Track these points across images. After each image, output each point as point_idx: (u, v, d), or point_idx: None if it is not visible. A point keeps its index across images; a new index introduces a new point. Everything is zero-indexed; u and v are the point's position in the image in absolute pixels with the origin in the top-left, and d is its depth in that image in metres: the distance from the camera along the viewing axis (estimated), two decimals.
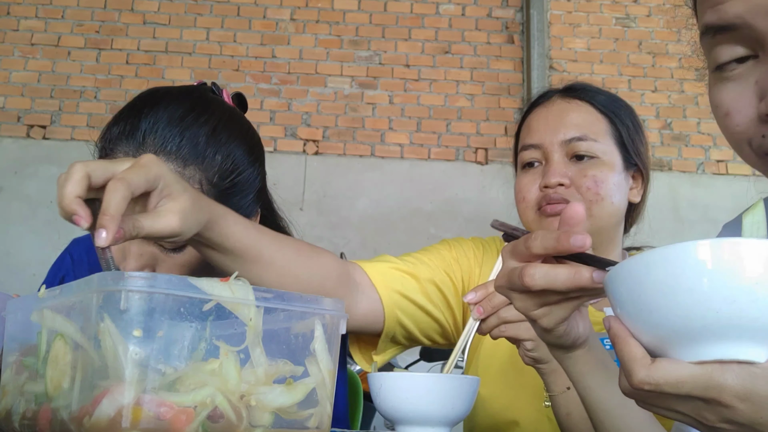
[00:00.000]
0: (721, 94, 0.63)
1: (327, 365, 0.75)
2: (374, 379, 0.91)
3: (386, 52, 4.11)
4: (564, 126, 1.15)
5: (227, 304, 0.67)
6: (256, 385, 0.68)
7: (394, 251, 4.35)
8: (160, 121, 0.96)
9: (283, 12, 4.12)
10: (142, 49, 4.02)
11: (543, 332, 0.72)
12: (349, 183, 3.92)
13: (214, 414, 0.64)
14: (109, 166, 0.74)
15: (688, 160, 4.02)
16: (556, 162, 1.14)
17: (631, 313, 0.54)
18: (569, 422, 0.98)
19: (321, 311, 0.75)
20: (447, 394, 0.86)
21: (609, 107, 1.19)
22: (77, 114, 3.92)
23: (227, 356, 0.66)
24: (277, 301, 0.72)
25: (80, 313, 0.66)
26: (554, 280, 0.64)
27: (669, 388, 0.51)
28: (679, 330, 0.51)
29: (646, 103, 4.07)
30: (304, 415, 0.72)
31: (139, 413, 0.60)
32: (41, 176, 3.82)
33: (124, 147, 0.95)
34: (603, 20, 4.17)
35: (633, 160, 1.18)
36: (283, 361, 0.71)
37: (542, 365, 0.96)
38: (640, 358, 0.53)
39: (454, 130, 4.00)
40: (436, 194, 3.89)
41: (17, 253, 3.72)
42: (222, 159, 0.99)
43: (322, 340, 0.74)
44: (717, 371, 0.50)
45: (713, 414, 0.51)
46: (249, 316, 0.68)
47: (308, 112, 4.00)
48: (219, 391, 0.65)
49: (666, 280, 0.50)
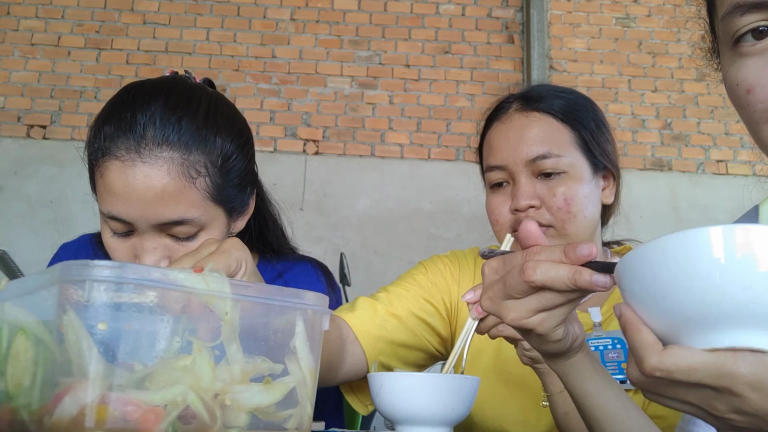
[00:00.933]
0: (743, 71, 0.62)
1: (308, 363, 0.71)
2: (374, 379, 0.91)
3: (386, 52, 4.10)
4: (526, 144, 1.11)
5: (201, 296, 0.63)
6: (231, 384, 0.64)
7: (394, 251, 4.35)
8: (156, 112, 0.96)
9: (283, 12, 4.12)
10: (142, 49, 4.02)
11: (541, 342, 0.71)
12: (349, 183, 3.92)
13: (185, 414, 0.60)
14: (196, 254, 0.78)
15: (688, 160, 4.02)
16: (523, 184, 1.11)
17: (643, 299, 0.53)
18: (567, 421, 0.98)
19: (303, 306, 0.71)
20: (447, 394, 0.86)
21: (569, 113, 1.15)
22: (77, 114, 3.92)
23: (201, 352, 0.62)
24: (256, 295, 0.67)
25: (42, 305, 0.62)
26: (555, 278, 0.63)
27: (680, 376, 0.50)
28: (692, 316, 0.50)
29: (646, 103, 4.07)
30: (283, 416, 0.68)
31: (104, 412, 0.56)
32: (41, 176, 3.82)
33: (124, 143, 0.95)
34: (603, 20, 4.17)
35: (601, 164, 1.16)
36: (261, 358, 0.67)
37: (540, 365, 0.96)
38: (652, 344, 0.52)
39: (454, 130, 4.00)
40: (436, 194, 3.89)
41: (17, 253, 3.71)
42: (221, 141, 1.01)
43: (303, 336, 0.71)
44: (730, 359, 0.49)
45: (723, 404, 0.50)
46: (225, 310, 0.64)
47: (308, 112, 4.00)
48: (191, 389, 0.61)
49: (681, 266, 0.50)
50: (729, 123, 4.05)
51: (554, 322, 0.67)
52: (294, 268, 1.26)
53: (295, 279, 1.24)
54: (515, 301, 0.66)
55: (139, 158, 0.94)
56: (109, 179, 0.95)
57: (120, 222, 0.96)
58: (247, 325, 0.66)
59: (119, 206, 0.94)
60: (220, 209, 1.01)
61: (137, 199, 0.93)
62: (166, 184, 0.94)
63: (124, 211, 0.94)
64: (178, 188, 0.94)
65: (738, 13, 0.61)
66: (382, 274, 3.73)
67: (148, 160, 0.94)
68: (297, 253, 1.31)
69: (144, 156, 0.94)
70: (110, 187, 0.95)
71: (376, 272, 3.73)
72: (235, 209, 1.05)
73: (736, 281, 0.48)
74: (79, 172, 1.06)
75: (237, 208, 1.06)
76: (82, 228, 1.28)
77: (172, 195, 0.94)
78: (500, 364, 1.23)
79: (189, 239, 0.98)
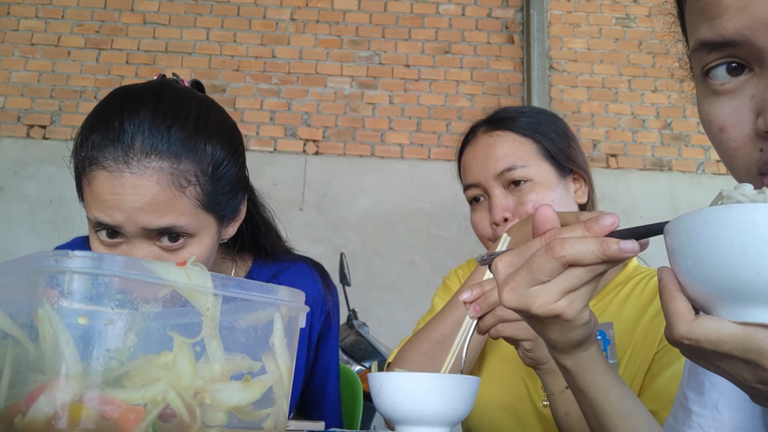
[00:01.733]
0: (715, 109, 0.62)
1: (285, 361, 0.69)
2: (374, 379, 0.91)
3: (386, 52, 4.10)
4: (492, 161, 1.22)
5: (183, 291, 0.61)
6: (211, 382, 0.62)
7: (394, 251, 4.35)
8: (144, 120, 0.94)
9: (283, 12, 4.12)
10: (142, 49, 4.02)
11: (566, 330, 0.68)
12: (349, 183, 3.92)
13: (165, 412, 0.58)
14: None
15: (688, 160, 4.02)
16: (496, 197, 1.20)
17: (683, 266, 0.54)
18: (568, 421, 0.98)
19: (280, 302, 0.69)
20: (447, 394, 0.86)
21: (530, 128, 1.24)
22: (77, 114, 3.92)
23: (182, 349, 0.60)
24: (237, 290, 0.66)
25: (14, 297, 0.59)
26: (584, 251, 0.61)
27: (708, 345, 0.51)
28: (726, 289, 0.50)
29: (646, 103, 4.06)
30: (260, 414, 0.67)
31: (82, 412, 0.53)
32: (41, 176, 3.82)
33: (112, 153, 0.93)
34: (603, 20, 4.17)
35: (567, 168, 1.24)
36: (240, 355, 0.65)
37: (542, 365, 0.96)
38: (683, 313, 0.53)
39: (454, 130, 4.00)
40: (436, 194, 3.89)
41: (17, 253, 3.72)
42: (211, 148, 0.99)
43: (281, 334, 0.69)
44: (759, 333, 0.49)
45: (751, 374, 0.51)
46: (206, 305, 0.62)
47: (308, 112, 4.00)
48: (171, 387, 0.59)
49: (719, 239, 0.50)
50: None
51: (581, 303, 0.65)
52: (289, 269, 1.26)
53: (291, 279, 1.24)
54: (541, 286, 0.64)
55: (128, 169, 0.92)
56: (97, 188, 0.93)
57: (108, 229, 0.95)
58: (227, 321, 0.65)
59: (107, 213, 0.93)
60: (211, 217, 1.00)
61: (126, 208, 0.92)
62: (156, 194, 0.92)
63: (112, 219, 0.93)
64: (167, 198, 0.93)
65: (705, 50, 0.60)
66: (382, 274, 3.72)
67: (136, 170, 0.92)
68: (293, 254, 1.30)
69: (132, 167, 0.92)
70: (98, 196, 0.93)
71: (376, 272, 3.73)
72: (226, 216, 1.04)
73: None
74: None
75: (228, 215, 1.05)
76: (82, 228, 1.28)
77: (161, 204, 0.93)
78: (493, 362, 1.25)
79: (179, 248, 0.96)
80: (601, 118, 4.02)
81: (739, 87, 0.60)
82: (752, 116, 0.58)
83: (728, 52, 0.59)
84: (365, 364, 2.80)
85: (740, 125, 0.60)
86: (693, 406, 0.80)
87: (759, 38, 0.56)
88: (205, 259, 1.00)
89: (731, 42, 0.58)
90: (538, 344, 0.93)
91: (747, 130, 0.59)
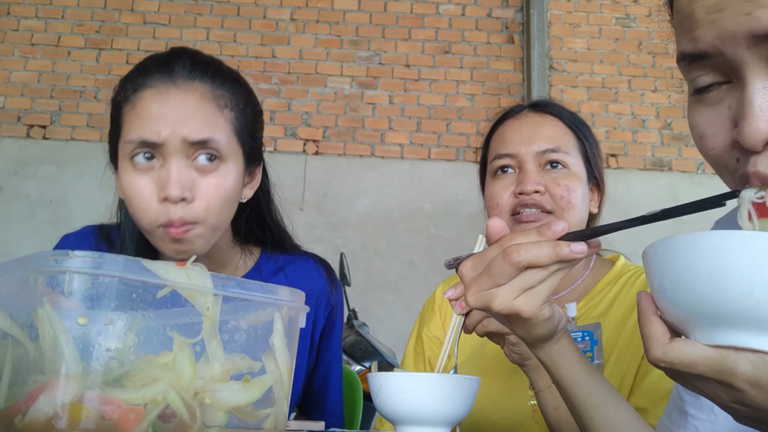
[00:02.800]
0: (697, 117, 0.64)
1: (285, 361, 0.69)
2: (374, 379, 0.91)
3: (386, 52, 4.10)
4: (538, 138, 1.22)
5: (183, 291, 0.61)
6: (211, 382, 0.62)
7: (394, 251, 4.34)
8: (186, 59, 1.05)
9: (283, 12, 4.12)
10: (142, 49, 4.02)
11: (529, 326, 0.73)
12: (349, 183, 3.92)
13: (165, 412, 0.58)
14: None
15: (688, 160, 4.02)
16: (530, 170, 1.19)
17: (659, 291, 0.55)
18: (557, 416, 0.99)
19: (281, 302, 0.70)
20: (447, 394, 0.86)
21: (575, 123, 1.26)
22: (77, 114, 3.92)
23: (182, 349, 0.60)
24: (237, 290, 0.65)
25: (14, 297, 0.58)
26: (538, 255, 0.68)
27: (683, 368, 0.53)
28: (697, 313, 0.52)
29: (646, 103, 4.06)
30: (260, 415, 0.66)
31: (83, 412, 0.53)
32: (41, 176, 3.82)
33: (159, 77, 1.02)
34: (603, 20, 4.17)
35: (594, 173, 1.26)
36: (240, 355, 0.65)
37: (528, 361, 0.98)
38: (658, 336, 0.55)
39: (454, 130, 4.00)
40: (436, 194, 3.89)
41: (17, 253, 3.72)
42: (243, 90, 1.10)
43: (281, 334, 0.69)
44: (731, 356, 0.51)
45: (726, 395, 0.53)
46: (206, 305, 0.62)
47: (308, 112, 4.00)
48: (172, 387, 0.58)
49: (688, 265, 0.51)
50: None
51: (539, 301, 0.70)
52: (295, 263, 1.27)
53: (296, 273, 1.25)
54: (500, 288, 0.70)
55: (174, 86, 1.01)
56: (144, 106, 1.00)
57: (146, 152, 1.00)
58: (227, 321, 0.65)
59: (152, 129, 0.99)
60: (240, 149, 1.07)
61: (171, 120, 0.99)
62: (199, 108, 1.01)
63: (157, 134, 0.98)
64: (208, 112, 1.02)
65: (685, 61, 0.62)
66: (382, 274, 3.72)
67: (182, 87, 1.01)
68: (299, 249, 1.32)
69: (178, 85, 1.01)
70: (144, 112, 1.00)
71: (376, 272, 3.73)
72: (250, 158, 1.10)
73: (737, 286, 0.49)
74: (79, 172, 1.07)
75: (251, 158, 1.11)
76: None
77: (203, 118, 1.01)
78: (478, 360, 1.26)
79: (212, 173, 1.01)
80: (601, 118, 4.02)
81: (719, 97, 0.62)
82: (730, 126, 0.60)
83: (706, 63, 0.61)
84: (365, 364, 2.81)
85: (719, 134, 0.61)
86: (689, 409, 0.81)
87: (729, 50, 0.57)
88: (228, 195, 1.04)
89: (705, 54, 0.60)
90: None
91: (726, 140, 0.61)
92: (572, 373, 0.78)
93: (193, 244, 1.02)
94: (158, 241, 1.02)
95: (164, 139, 0.98)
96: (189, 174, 1.00)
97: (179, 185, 0.98)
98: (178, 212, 0.98)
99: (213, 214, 1.02)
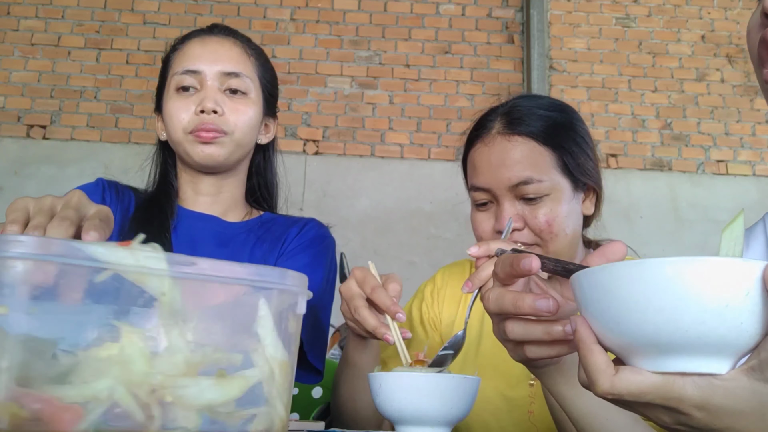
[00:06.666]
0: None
1: (277, 354, 0.61)
2: (374, 379, 0.91)
3: (386, 52, 4.10)
4: (508, 169, 1.13)
5: (130, 274, 0.54)
6: (173, 377, 0.55)
7: (394, 251, 4.33)
8: (223, 26, 1.34)
9: (283, 12, 4.12)
10: (142, 49, 4.02)
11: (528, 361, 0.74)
12: (349, 183, 3.92)
13: (113, 412, 0.52)
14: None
15: (688, 160, 4.02)
16: (506, 208, 1.13)
17: (599, 320, 0.54)
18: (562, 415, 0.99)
19: (267, 285, 0.61)
20: (447, 394, 0.86)
21: (550, 135, 1.15)
22: (77, 114, 3.92)
23: (131, 339, 0.54)
24: (203, 271, 0.57)
25: None
26: (532, 334, 0.67)
27: (631, 398, 0.53)
28: (644, 343, 0.51)
29: (646, 103, 4.06)
30: (243, 415, 0.59)
31: (9, 410, 0.49)
32: (41, 176, 3.81)
33: (200, 34, 1.30)
34: (603, 20, 4.17)
35: (581, 182, 1.17)
36: (213, 346, 0.58)
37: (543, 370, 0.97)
38: (603, 368, 0.54)
39: (454, 130, 4.00)
40: (436, 194, 3.89)
41: None
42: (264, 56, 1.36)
43: (268, 321, 0.60)
44: (678, 382, 0.51)
45: (669, 418, 0.53)
46: (161, 290, 0.55)
47: (308, 112, 4.00)
48: (120, 383, 0.52)
49: (634, 297, 0.50)
50: (729, 123, 4.04)
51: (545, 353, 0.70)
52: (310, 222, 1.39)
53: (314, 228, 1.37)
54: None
55: (213, 36, 1.29)
56: (189, 47, 1.28)
57: (191, 75, 1.24)
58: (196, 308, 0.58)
59: (194, 63, 1.25)
60: (260, 93, 1.31)
61: (209, 57, 1.25)
62: (232, 50, 1.28)
63: (199, 63, 1.25)
64: (238, 55, 1.29)
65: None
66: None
67: (219, 37, 1.30)
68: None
69: (216, 35, 1.30)
70: (189, 52, 1.27)
71: None
72: (268, 105, 1.34)
73: (689, 316, 0.48)
74: (79, 172, 1.08)
75: (270, 105, 1.35)
76: None
77: (234, 58, 1.27)
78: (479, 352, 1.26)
79: (239, 100, 1.26)
80: (601, 118, 4.02)
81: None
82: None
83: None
84: None
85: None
86: None
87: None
88: (250, 120, 1.27)
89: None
90: None
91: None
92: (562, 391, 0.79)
93: (219, 150, 1.22)
94: (188, 145, 1.23)
95: (203, 69, 1.24)
96: (222, 96, 1.24)
97: (213, 101, 1.22)
98: (211, 121, 1.21)
99: (239, 130, 1.24)
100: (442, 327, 1.32)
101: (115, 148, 3.88)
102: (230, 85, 1.25)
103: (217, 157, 1.22)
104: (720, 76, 4.10)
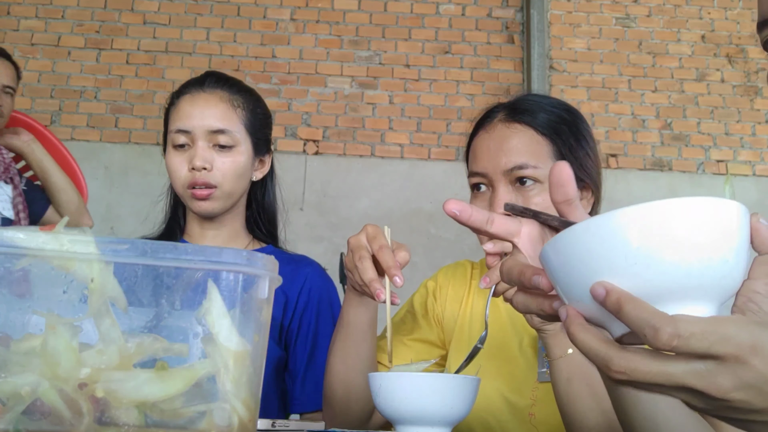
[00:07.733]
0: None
1: (231, 344, 0.55)
2: (374, 379, 0.91)
3: (386, 52, 4.10)
4: (504, 154, 1.14)
5: (53, 260, 0.50)
6: (105, 370, 0.50)
7: None
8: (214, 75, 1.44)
9: (283, 12, 4.12)
10: (142, 49, 4.02)
11: None
12: (349, 183, 3.92)
13: (36, 409, 0.49)
14: None
15: (688, 160, 4.02)
16: (500, 193, 1.14)
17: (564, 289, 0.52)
18: (570, 388, 0.97)
19: (217, 265, 0.55)
20: (447, 394, 0.86)
21: (549, 127, 1.17)
22: (77, 114, 3.92)
23: (55, 330, 0.50)
24: (139, 254, 0.52)
25: None
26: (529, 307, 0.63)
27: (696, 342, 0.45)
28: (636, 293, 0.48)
29: (646, 103, 4.06)
30: (189, 412, 0.53)
31: None
32: None
33: (193, 87, 1.40)
34: (603, 20, 4.17)
35: (578, 177, 1.16)
36: (151, 336, 0.53)
37: (548, 327, 0.97)
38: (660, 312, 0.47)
39: (454, 130, 4.00)
40: (436, 194, 3.89)
41: None
42: (254, 98, 1.44)
43: (220, 307, 0.55)
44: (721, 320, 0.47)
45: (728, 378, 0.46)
46: (90, 276, 0.51)
47: (308, 112, 4.00)
48: (43, 377, 0.49)
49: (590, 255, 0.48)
50: (729, 123, 4.05)
51: None
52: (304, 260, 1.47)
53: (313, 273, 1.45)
54: None
55: (203, 92, 1.39)
56: (182, 105, 1.39)
57: (183, 134, 1.35)
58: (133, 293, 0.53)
59: (185, 121, 1.36)
60: (249, 138, 1.40)
61: (198, 113, 1.36)
62: (218, 106, 1.38)
63: (189, 123, 1.35)
64: (225, 110, 1.38)
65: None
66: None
67: (207, 91, 1.39)
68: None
69: (206, 90, 1.39)
70: (181, 111, 1.38)
71: None
72: (258, 147, 1.42)
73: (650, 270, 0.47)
74: None
75: (259, 148, 1.43)
76: None
77: (221, 113, 1.37)
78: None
79: (227, 153, 1.36)
80: (601, 118, 4.02)
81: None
82: None
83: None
84: None
85: None
86: None
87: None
88: (239, 169, 1.38)
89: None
90: None
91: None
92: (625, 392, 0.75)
93: (213, 204, 1.36)
94: (188, 200, 1.37)
95: (193, 127, 1.35)
96: (210, 152, 1.35)
97: (202, 158, 1.33)
98: (201, 177, 1.33)
99: (227, 182, 1.36)
100: (444, 324, 1.32)
101: (115, 148, 3.88)
102: (218, 141, 1.35)
103: (212, 211, 1.38)
104: (720, 76, 4.10)
